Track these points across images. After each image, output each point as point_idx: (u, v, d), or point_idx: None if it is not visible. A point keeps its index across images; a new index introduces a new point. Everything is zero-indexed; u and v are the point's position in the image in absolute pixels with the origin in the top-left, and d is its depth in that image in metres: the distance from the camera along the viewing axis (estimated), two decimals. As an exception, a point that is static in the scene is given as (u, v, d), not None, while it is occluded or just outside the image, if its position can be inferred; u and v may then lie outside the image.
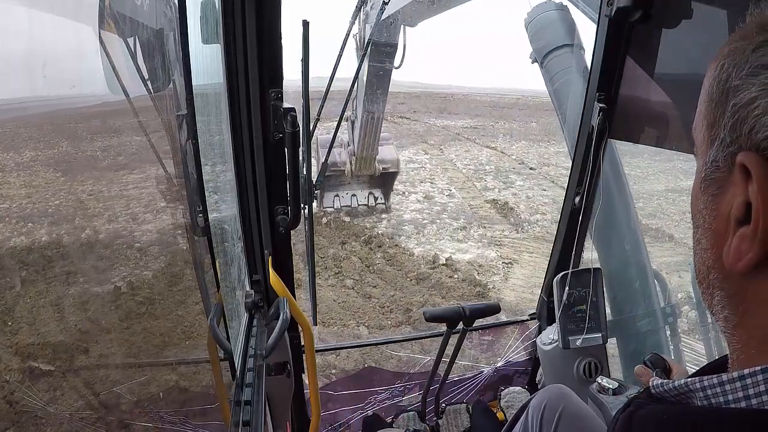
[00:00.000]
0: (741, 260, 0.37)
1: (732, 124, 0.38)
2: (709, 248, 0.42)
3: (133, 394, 1.06)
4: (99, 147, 0.94)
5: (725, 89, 0.39)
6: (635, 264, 2.00)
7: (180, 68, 0.73)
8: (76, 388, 0.94)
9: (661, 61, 1.43)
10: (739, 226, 0.38)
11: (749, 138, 0.36)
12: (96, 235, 1.12)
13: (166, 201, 0.99)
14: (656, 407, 0.41)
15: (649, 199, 7.82)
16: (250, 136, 1.17)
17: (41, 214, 0.97)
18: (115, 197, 1.10)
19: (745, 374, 0.36)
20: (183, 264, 1.09)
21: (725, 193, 0.40)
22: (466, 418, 1.98)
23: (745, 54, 0.38)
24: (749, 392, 0.35)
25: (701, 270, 0.44)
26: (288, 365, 1.36)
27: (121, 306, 1.11)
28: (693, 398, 0.40)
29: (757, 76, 0.36)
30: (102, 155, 0.97)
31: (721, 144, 0.39)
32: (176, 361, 1.27)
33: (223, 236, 1.19)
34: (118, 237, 1.13)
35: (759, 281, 0.38)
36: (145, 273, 1.23)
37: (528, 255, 7.12)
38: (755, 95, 0.36)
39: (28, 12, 0.51)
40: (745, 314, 0.39)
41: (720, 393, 0.37)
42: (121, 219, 1.23)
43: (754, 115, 0.36)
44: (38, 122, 0.66)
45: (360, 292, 5.77)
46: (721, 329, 0.43)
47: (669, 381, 0.42)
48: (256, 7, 1.05)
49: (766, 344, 0.38)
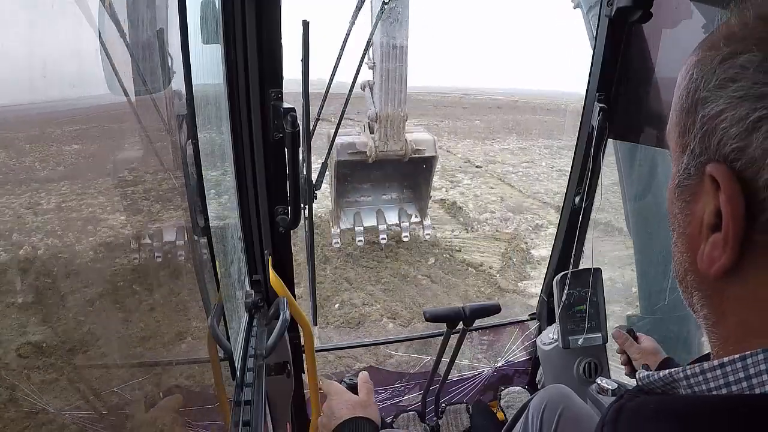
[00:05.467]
0: (714, 266, 0.39)
1: (701, 135, 0.39)
2: (684, 251, 0.44)
3: (132, 393, 1.06)
4: (99, 147, 0.94)
5: (694, 100, 0.40)
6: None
7: (180, 68, 0.73)
8: (76, 387, 0.94)
9: (661, 61, 1.43)
10: (711, 232, 0.39)
11: (717, 149, 0.38)
12: (94, 234, 1.13)
13: (166, 201, 0.99)
14: (645, 398, 0.43)
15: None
16: (250, 136, 1.17)
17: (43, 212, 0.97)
18: (115, 197, 1.10)
19: (725, 362, 0.37)
20: (183, 264, 1.09)
21: (698, 201, 0.41)
22: (466, 418, 1.98)
23: (712, 65, 0.39)
24: (729, 379, 0.37)
25: (679, 272, 0.46)
26: (288, 365, 1.36)
27: (120, 305, 1.11)
28: (678, 387, 0.42)
29: (724, 88, 0.37)
30: (102, 155, 0.97)
31: (691, 153, 0.41)
32: (176, 361, 1.27)
33: (223, 236, 1.19)
34: (115, 237, 1.13)
35: (732, 284, 0.39)
36: (145, 272, 1.23)
37: (479, 255, 6.98)
38: (722, 108, 0.37)
39: (28, 12, 0.52)
40: (722, 314, 0.41)
41: (702, 381, 0.39)
42: (121, 219, 1.24)
43: (722, 128, 0.37)
44: (40, 121, 0.66)
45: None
46: (701, 326, 0.45)
47: (654, 372, 0.44)
48: (256, 7, 1.05)
49: (743, 341, 0.39)
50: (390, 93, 5.61)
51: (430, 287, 5.97)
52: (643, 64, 1.50)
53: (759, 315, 0.38)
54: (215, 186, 1.28)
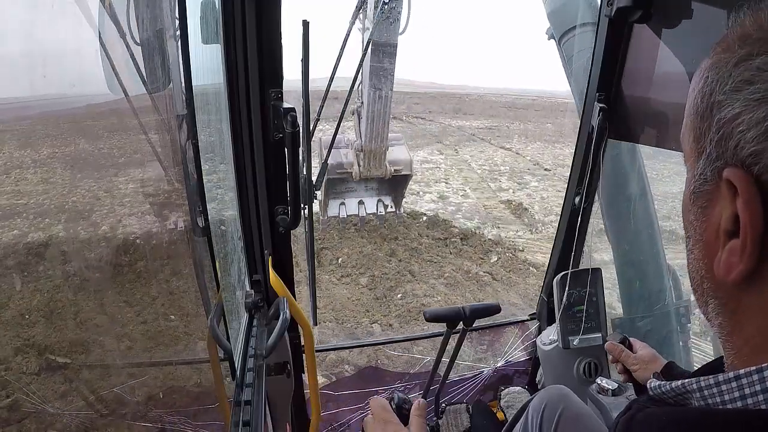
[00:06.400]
0: (732, 272, 0.38)
1: (717, 139, 0.38)
2: (701, 258, 0.43)
3: (132, 393, 1.06)
4: (99, 147, 0.94)
5: (710, 103, 0.39)
6: (652, 262, 1.99)
7: (180, 68, 0.73)
8: (76, 387, 0.94)
9: (661, 61, 1.43)
10: (728, 238, 0.38)
11: (735, 154, 0.37)
12: (95, 234, 1.13)
13: (166, 201, 0.99)
14: (656, 410, 0.42)
15: (664, 201, 7.77)
16: (250, 136, 1.17)
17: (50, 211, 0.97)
18: (115, 197, 1.10)
19: (741, 374, 0.36)
20: (183, 264, 1.09)
21: (714, 206, 0.40)
22: (466, 418, 1.98)
23: (727, 68, 0.38)
24: (745, 392, 0.35)
25: (695, 279, 0.45)
26: (288, 365, 1.36)
27: (119, 305, 1.11)
28: (690, 399, 0.40)
29: (740, 91, 0.37)
30: (102, 155, 0.97)
31: (707, 158, 0.40)
32: (176, 361, 1.27)
33: (223, 236, 1.19)
34: (116, 237, 1.13)
35: (750, 292, 0.38)
36: (145, 272, 1.23)
37: (541, 255, 7.06)
38: (739, 111, 0.36)
39: (28, 12, 0.52)
40: (739, 323, 0.40)
41: (716, 393, 0.37)
42: (120, 219, 1.24)
43: (739, 131, 0.36)
44: (40, 122, 0.66)
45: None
46: (716, 335, 0.43)
47: (667, 382, 0.42)
48: (256, 7, 1.05)
49: (759, 352, 0.38)
50: (374, 132, 6.69)
51: (491, 284, 6.10)
52: (642, 64, 1.50)
53: None
54: (215, 186, 1.28)
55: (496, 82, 51.92)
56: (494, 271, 6.46)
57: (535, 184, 12.06)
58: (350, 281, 6.07)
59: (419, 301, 5.46)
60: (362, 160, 6.86)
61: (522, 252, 7.22)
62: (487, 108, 31.28)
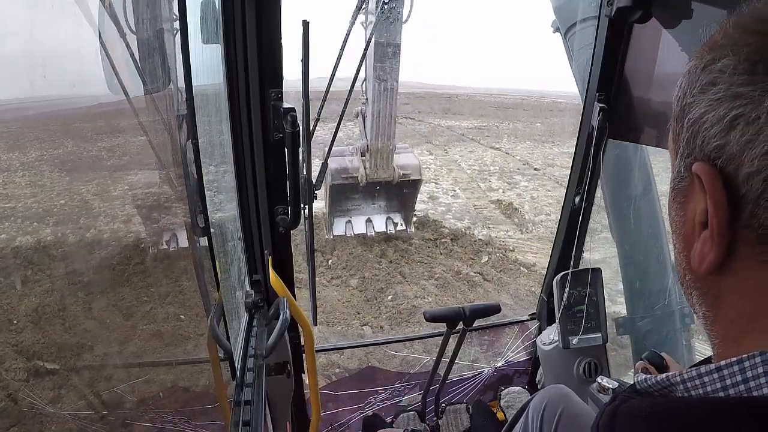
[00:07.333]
0: (704, 262, 0.41)
1: (688, 137, 0.42)
2: (681, 251, 0.46)
3: (132, 393, 1.06)
4: (99, 147, 0.94)
5: (682, 107, 0.43)
6: (654, 261, 1.99)
7: (180, 68, 0.73)
8: (76, 387, 0.94)
9: (661, 61, 1.43)
10: (702, 230, 0.41)
11: (701, 149, 0.40)
12: (96, 235, 1.13)
13: (166, 201, 0.99)
14: (640, 400, 0.43)
15: (665, 198, 7.75)
16: (250, 136, 1.17)
17: (45, 214, 0.97)
18: (116, 197, 1.10)
19: (722, 366, 0.37)
20: (183, 264, 1.09)
21: (690, 201, 0.43)
22: (466, 418, 1.98)
23: (696, 73, 0.42)
24: (726, 383, 0.37)
25: (679, 272, 0.48)
26: (288, 365, 1.36)
27: (120, 305, 1.11)
28: (675, 391, 0.42)
29: (705, 93, 0.40)
30: (102, 155, 0.97)
31: (681, 156, 0.44)
32: (176, 361, 1.27)
33: (223, 236, 1.19)
34: (117, 237, 1.13)
35: (725, 279, 0.41)
36: (145, 273, 1.23)
37: (532, 255, 7.09)
38: (704, 110, 0.40)
39: (27, 12, 0.51)
40: (720, 311, 0.43)
41: (699, 385, 0.39)
42: (121, 219, 1.24)
43: (704, 128, 0.40)
44: (39, 122, 0.66)
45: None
46: (702, 326, 0.46)
47: (652, 376, 0.44)
48: (256, 7, 1.05)
49: (740, 339, 0.40)
50: (380, 129, 6.41)
51: (482, 284, 6.09)
52: (642, 64, 1.50)
53: (752, 305, 0.39)
54: (215, 186, 1.28)
55: (486, 81, 52.44)
56: (485, 271, 6.45)
57: (525, 183, 12.05)
58: (340, 283, 6.03)
59: (410, 303, 5.44)
60: (368, 161, 6.58)
61: (512, 252, 7.21)
62: (477, 108, 31.15)
